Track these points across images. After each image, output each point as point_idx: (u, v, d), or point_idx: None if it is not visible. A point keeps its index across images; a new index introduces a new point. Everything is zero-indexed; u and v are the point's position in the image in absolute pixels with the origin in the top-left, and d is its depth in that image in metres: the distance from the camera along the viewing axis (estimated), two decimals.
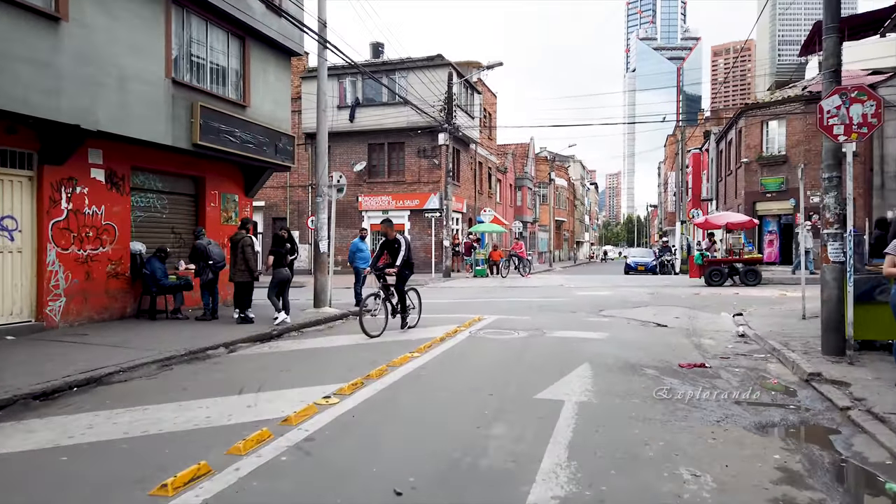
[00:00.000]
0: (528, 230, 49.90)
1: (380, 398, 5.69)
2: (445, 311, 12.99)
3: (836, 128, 6.89)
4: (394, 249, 9.80)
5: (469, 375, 6.77)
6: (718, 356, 7.95)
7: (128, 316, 10.64)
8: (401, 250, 9.65)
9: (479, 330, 10.07)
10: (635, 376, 6.70)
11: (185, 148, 10.91)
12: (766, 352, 8.17)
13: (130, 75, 9.73)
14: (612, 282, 23.53)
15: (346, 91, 28.96)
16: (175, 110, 10.61)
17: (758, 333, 9.30)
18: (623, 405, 5.51)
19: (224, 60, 12.20)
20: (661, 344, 8.80)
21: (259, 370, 7.11)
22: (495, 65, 24.43)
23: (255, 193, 13.95)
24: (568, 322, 11.05)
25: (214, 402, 5.57)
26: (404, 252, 9.66)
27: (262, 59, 13.11)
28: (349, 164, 29.26)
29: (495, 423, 4.91)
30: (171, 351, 7.84)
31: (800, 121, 24.22)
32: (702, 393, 5.95)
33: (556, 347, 8.48)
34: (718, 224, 19.63)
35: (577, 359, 7.57)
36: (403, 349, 8.18)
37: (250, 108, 12.69)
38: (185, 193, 12.26)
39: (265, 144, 12.91)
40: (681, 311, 12.56)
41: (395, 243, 9.81)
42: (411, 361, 7.37)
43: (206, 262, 10.54)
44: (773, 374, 6.94)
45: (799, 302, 13.45)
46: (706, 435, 4.71)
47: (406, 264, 9.81)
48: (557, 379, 6.48)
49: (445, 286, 21.85)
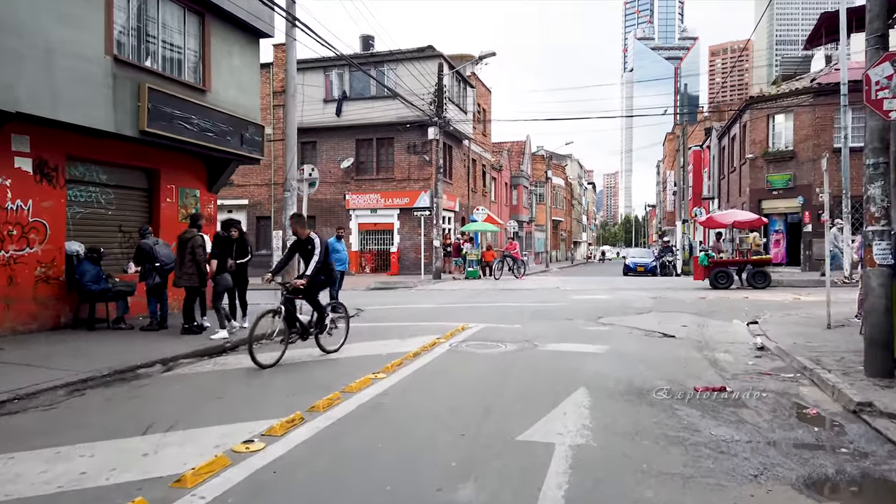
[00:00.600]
0: (525, 230, 48.68)
1: (317, 442, 4.44)
2: (428, 318, 11.75)
3: (887, 102, 5.66)
4: (306, 252, 7.72)
5: (440, 405, 5.53)
6: (739, 376, 6.73)
7: (62, 326, 9.36)
8: (315, 253, 7.61)
9: (461, 342, 8.83)
10: (643, 405, 5.48)
11: (131, 136, 9.65)
12: (794, 370, 6.95)
13: (61, 50, 8.47)
14: (610, 284, 22.31)
15: (332, 84, 27.70)
16: (117, 92, 9.36)
17: (780, 346, 8.08)
18: (630, 450, 4.29)
19: (179, 39, 10.94)
20: (669, 359, 7.58)
21: (186, 397, 5.86)
22: (488, 55, 23.19)
23: (219, 188, 12.68)
24: (563, 332, 9.82)
25: (106, 447, 4.32)
26: (319, 255, 7.61)
27: (226, 40, 11.85)
28: (336, 161, 28.02)
29: (463, 482, 3.68)
30: (91, 370, 6.59)
31: (808, 114, 23.02)
32: (728, 430, 4.73)
33: (548, 365, 7.24)
34: (724, 223, 18.45)
35: (573, 380, 6.34)
36: (367, 368, 6.93)
37: (211, 93, 11.43)
38: (136, 187, 10.99)
39: (229, 134, 11.65)
40: (688, 319, 11.33)
41: (308, 244, 7.71)
42: (373, 385, 6.12)
43: (153, 265, 9.27)
44: (810, 401, 5.72)
45: (817, 307, 12.32)
46: (743, 499, 3.49)
47: (322, 271, 7.80)
48: (548, 410, 5.24)
49: (434, 288, 20.61)
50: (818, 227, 23.25)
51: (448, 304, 14.76)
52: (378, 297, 17.12)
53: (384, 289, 20.61)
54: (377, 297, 17.53)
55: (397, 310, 13.82)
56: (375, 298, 16.76)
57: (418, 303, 15.43)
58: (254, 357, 6.90)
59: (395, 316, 12.53)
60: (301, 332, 7.73)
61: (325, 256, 7.73)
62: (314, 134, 28.23)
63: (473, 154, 33.81)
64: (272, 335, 7.49)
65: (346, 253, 13.13)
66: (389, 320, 11.76)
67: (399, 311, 13.42)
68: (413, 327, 10.44)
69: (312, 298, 7.85)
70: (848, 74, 16.62)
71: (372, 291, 19.76)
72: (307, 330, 7.78)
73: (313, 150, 28.76)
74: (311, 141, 28.60)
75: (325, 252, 7.74)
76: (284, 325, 7.48)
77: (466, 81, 30.54)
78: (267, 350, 7.45)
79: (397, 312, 13.28)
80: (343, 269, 12.94)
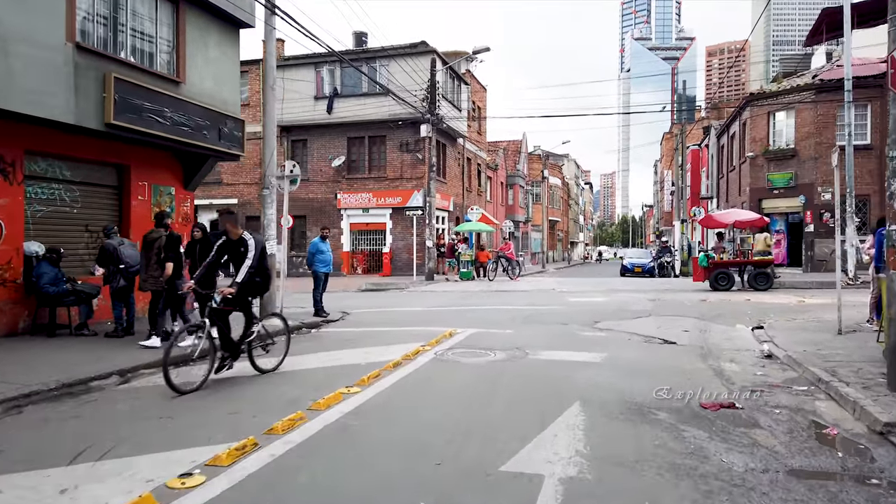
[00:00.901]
0: (521, 230, 48.10)
1: (268, 474, 3.83)
2: (416, 323, 11.15)
3: None
4: (238, 255, 6.50)
5: (417, 426, 4.92)
6: (748, 388, 6.14)
7: (20, 332, 8.71)
8: (248, 256, 6.41)
9: (447, 350, 8.22)
10: (644, 424, 4.89)
11: (95, 129, 9.02)
12: (808, 382, 6.36)
13: (14, 35, 7.84)
14: (607, 285, 21.71)
15: (323, 81, 27.05)
16: (80, 82, 8.73)
17: (790, 355, 7.49)
18: (631, 483, 3.70)
19: (151, 28, 10.31)
20: (671, 370, 6.99)
21: (133, 415, 5.25)
22: (482, 50, 22.57)
23: (196, 186, 12.04)
24: (557, 338, 9.23)
25: (18, 482, 3.71)
26: (252, 259, 6.40)
27: (202, 29, 11.22)
28: (327, 159, 27.39)
29: None
30: (38, 384, 5.97)
31: (810, 111, 22.47)
32: (741, 457, 4.15)
33: (539, 377, 6.64)
34: (725, 222, 17.86)
35: (566, 395, 5.75)
36: (342, 379, 6.33)
37: (185, 84, 10.80)
38: (105, 184, 10.35)
39: (205, 128, 11.02)
40: (689, 323, 10.75)
41: (241, 245, 6.51)
42: (344, 401, 5.51)
43: (117, 266, 8.64)
44: (829, 419, 5.14)
45: (824, 311, 11.78)
46: None
47: (258, 275, 6.63)
48: (537, 431, 4.65)
49: (426, 290, 20.00)
50: (820, 226, 22.74)
51: (438, 307, 14.16)
52: (367, 300, 16.52)
53: (375, 290, 20.00)
54: (366, 299, 16.92)
55: (385, 313, 13.22)
56: (364, 301, 16.15)
57: (408, 305, 14.83)
58: (169, 381, 5.76)
59: (381, 320, 11.93)
60: (232, 350, 6.58)
61: (260, 260, 6.62)
62: (305, 132, 27.61)
63: (468, 153, 33.20)
64: (193, 356, 6.13)
65: (331, 254, 12.52)
66: (374, 325, 11.16)
67: (386, 315, 12.82)
68: (398, 333, 9.84)
69: (244, 307, 6.77)
70: (852, 70, 16.09)
71: (362, 293, 19.16)
72: (236, 347, 6.63)
73: (304, 149, 28.13)
74: (302, 139, 27.99)
75: (260, 255, 6.63)
76: (209, 344, 6.25)
77: (461, 78, 29.93)
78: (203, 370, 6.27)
79: (384, 316, 12.68)
80: (328, 270, 12.34)
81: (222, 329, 6.48)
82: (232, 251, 6.58)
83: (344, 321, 11.92)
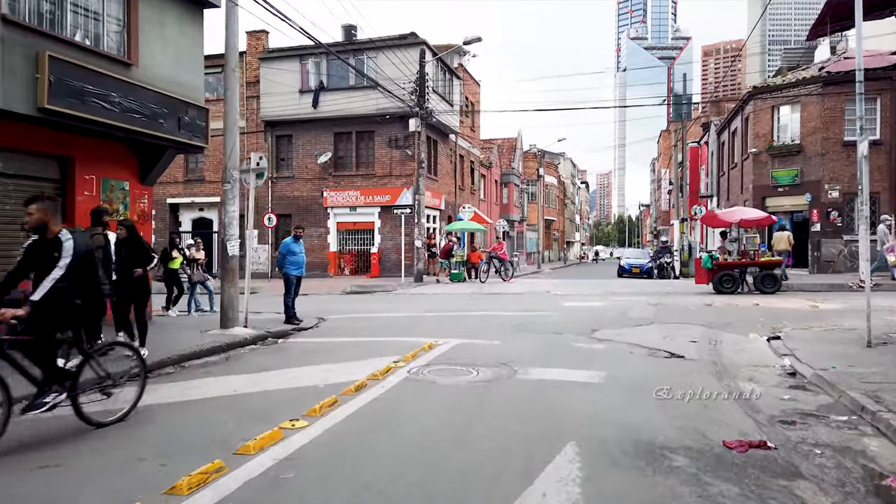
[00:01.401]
0: (516, 229, 47.08)
1: None
2: (395, 332, 10.08)
3: None
4: (49, 260, 4.64)
5: (366, 480, 3.85)
6: (777, 419, 5.11)
7: None
8: (60, 262, 4.63)
9: (424, 366, 7.16)
10: (657, 475, 3.85)
11: (27, 114, 7.95)
12: (849, 411, 5.32)
13: None
14: (605, 287, 20.66)
15: (308, 74, 25.95)
16: (7, 60, 7.65)
17: (818, 373, 6.46)
18: None
19: (97, 3, 9.23)
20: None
21: (10, 462, 4.17)
22: (473, 40, 21.50)
23: (153, 180, 10.95)
24: (550, 351, 8.18)
25: None
26: (64, 268, 4.62)
27: (157, 7, 10.13)
28: (313, 155, 26.29)
29: None
30: None
31: (816, 105, 21.46)
32: None
33: (527, 405, 5.58)
34: (730, 221, 16.84)
35: (558, 431, 4.70)
36: (291, 408, 5.26)
37: (138, 67, 9.72)
38: (44, 178, 9.24)
39: (162, 116, 9.95)
40: (697, 332, 9.70)
41: (54, 248, 4.68)
42: (282, 442, 4.44)
43: None
44: (885, 462, 4.11)
45: (842, 317, 10.80)
46: None
47: (78, 293, 4.79)
48: (521, 487, 3.61)
49: (414, 293, 18.95)
50: (827, 225, 21.76)
51: (423, 313, 13.09)
52: (350, 304, 15.45)
53: (360, 293, 18.94)
54: (349, 303, 15.86)
55: (364, 319, 12.15)
56: (346, 305, 15.09)
57: (391, 311, 13.77)
58: None
59: (358, 328, 10.87)
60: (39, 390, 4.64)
61: (84, 273, 4.82)
62: (289, 127, 26.53)
63: (461, 149, 32.13)
64: None
65: (303, 255, 11.42)
66: (349, 334, 10.11)
67: (366, 322, 11.75)
68: (373, 344, 8.79)
69: (42, 342, 4.61)
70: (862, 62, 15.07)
71: (346, 296, 18.10)
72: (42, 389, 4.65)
73: (289, 145, 27.06)
74: (287, 134, 26.90)
75: (85, 265, 4.84)
76: None
77: (453, 72, 28.85)
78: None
79: (363, 323, 11.61)
80: (300, 273, 11.25)
81: (18, 364, 4.53)
82: (41, 255, 4.68)
83: (317, 329, 10.87)
